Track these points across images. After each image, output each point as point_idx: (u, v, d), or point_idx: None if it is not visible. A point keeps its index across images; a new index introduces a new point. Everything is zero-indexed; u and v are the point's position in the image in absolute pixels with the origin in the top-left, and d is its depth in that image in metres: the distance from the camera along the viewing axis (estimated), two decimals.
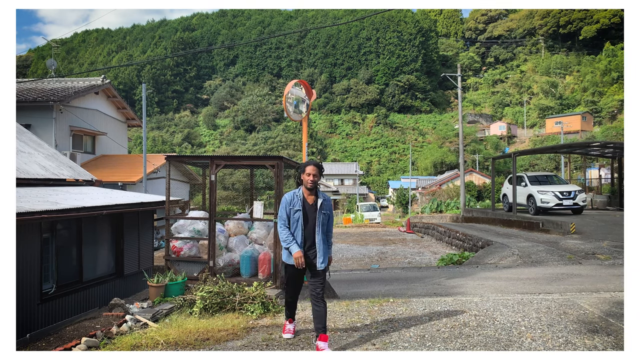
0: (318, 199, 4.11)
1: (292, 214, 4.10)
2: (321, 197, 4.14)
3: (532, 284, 6.86)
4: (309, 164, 4.09)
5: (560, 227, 12.77)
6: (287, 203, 4.11)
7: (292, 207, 4.09)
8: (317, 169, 4.10)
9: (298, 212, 4.07)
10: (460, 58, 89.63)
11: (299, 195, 4.12)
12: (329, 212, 4.19)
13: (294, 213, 4.09)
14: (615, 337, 4.23)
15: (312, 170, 4.07)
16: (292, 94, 7.67)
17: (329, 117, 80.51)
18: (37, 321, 5.74)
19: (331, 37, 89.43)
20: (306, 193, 4.13)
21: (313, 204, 4.11)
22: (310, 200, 4.12)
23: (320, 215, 4.09)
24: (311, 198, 4.12)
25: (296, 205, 4.08)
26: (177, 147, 67.82)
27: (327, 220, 4.18)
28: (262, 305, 5.70)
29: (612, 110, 63.49)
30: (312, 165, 4.10)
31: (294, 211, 4.09)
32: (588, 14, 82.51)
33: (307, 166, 4.10)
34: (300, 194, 4.13)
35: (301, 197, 4.11)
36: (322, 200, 4.13)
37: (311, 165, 4.09)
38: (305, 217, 4.09)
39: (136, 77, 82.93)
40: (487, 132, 71.12)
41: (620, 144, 16.21)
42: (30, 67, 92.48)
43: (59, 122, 15.84)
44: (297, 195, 4.13)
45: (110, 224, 7.76)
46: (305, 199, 4.12)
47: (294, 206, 4.09)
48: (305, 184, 4.09)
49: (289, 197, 4.15)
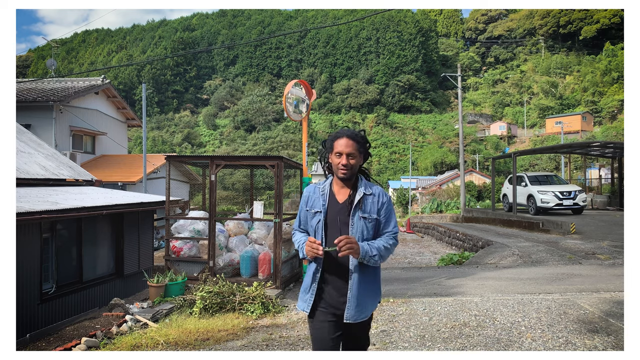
0: (356, 194, 2.45)
1: (309, 220, 2.53)
2: (363, 190, 2.47)
3: (532, 284, 6.86)
4: (340, 135, 2.46)
5: (561, 227, 12.76)
6: (304, 202, 2.59)
7: (309, 208, 2.54)
8: (355, 142, 2.44)
9: (318, 215, 2.47)
10: (460, 58, 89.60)
11: (323, 190, 2.53)
12: (379, 216, 2.47)
13: (311, 217, 2.51)
14: (615, 337, 4.23)
15: (346, 145, 2.41)
16: (292, 94, 7.67)
17: (329, 117, 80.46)
18: (37, 321, 5.74)
19: (331, 37, 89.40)
20: (337, 185, 2.52)
21: (346, 201, 2.46)
22: (341, 197, 2.48)
23: (359, 222, 2.42)
24: (344, 192, 2.50)
25: (316, 204, 2.50)
26: (177, 147, 67.79)
27: (374, 228, 2.46)
28: (262, 305, 5.70)
29: (612, 110, 63.47)
30: (346, 136, 2.43)
31: (311, 214, 2.51)
32: (588, 14, 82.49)
33: (337, 139, 2.46)
34: (327, 187, 2.53)
35: (327, 192, 2.52)
36: (364, 196, 2.45)
37: (344, 138, 2.43)
38: (330, 224, 2.46)
39: (136, 77, 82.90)
40: (487, 132, 71.10)
41: (620, 144, 16.21)
42: (30, 67, 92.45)
43: (58, 122, 15.84)
44: (320, 189, 2.55)
45: (110, 224, 7.76)
46: (334, 194, 2.50)
47: (312, 207, 2.52)
48: (335, 172, 2.48)
49: (307, 192, 2.61)
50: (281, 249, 7.22)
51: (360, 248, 2.31)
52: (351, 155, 2.43)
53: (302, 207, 2.64)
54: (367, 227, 2.44)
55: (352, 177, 2.49)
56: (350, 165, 2.42)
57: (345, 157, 2.42)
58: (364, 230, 2.43)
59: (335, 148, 2.46)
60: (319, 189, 2.57)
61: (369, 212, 2.45)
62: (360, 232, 2.42)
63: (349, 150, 2.42)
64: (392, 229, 2.51)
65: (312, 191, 2.61)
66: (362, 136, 2.51)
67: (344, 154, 2.42)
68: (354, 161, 2.44)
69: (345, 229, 2.43)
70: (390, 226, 2.51)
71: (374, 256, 2.36)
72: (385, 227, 2.50)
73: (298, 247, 2.59)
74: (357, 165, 2.48)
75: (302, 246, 2.47)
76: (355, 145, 2.44)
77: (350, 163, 2.42)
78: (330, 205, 2.50)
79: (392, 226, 2.51)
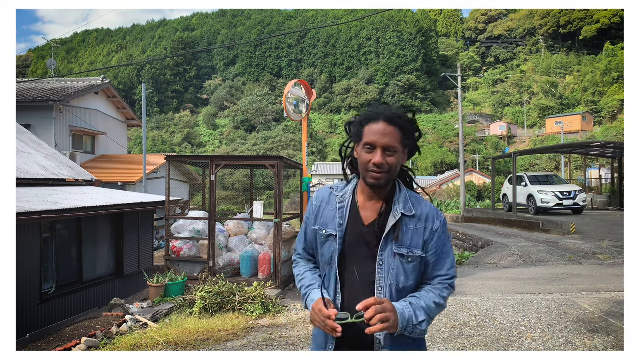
0: (390, 215, 1.58)
1: (319, 245, 1.65)
2: (402, 208, 1.59)
3: (533, 284, 6.86)
4: (376, 117, 1.54)
5: (561, 227, 12.76)
6: (313, 215, 1.70)
7: (320, 227, 1.65)
8: (399, 129, 1.54)
9: (331, 241, 1.61)
10: (461, 58, 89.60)
11: (342, 200, 1.65)
12: (426, 252, 1.59)
13: (322, 243, 1.64)
14: (615, 337, 4.22)
15: (384, 133, 1.52)
16: (292, 93, 7.67)
17: (329, 117, 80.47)
18: (37, 321, 5.74)
19: (331, 37, 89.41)
20: (364, 195, 1.64)
21: (374, 224, 1.59)
22: (369, 214, 1.61)
23: (392, 261, 1.55)
24: (374, 207, 1.61)
25: (329, 222, 1.63)
26: (177, 147, 67.78)
27: (417, 269, 1.59)
28: (262, 305, 5.70)
29: (612, 110, 63.46)
30: (384, 120, 1.53)
31: (322, 238, 1.63)
32: (588, 14, 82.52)
33: (369, 122, 1.55)
34: (348, 195, 1.65)
35: (348, 203, 1.63)
36: (402, 219, 1.57)
37: (380, 122, 1.53)
38: (348, 255, 1.59)
39: (136, 77, 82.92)
40: (487, 132, 71.07)
41: (620, 144, 16.21)
42: (30, 67, 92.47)
43: (58, 122, 15.84)
44: (337, 197, 1.66)
45: (110, 224, 7.76)
46: (359, 209, 1.62)
47: (323, 224, 1.64)
48: (363, 174, 1.58)
49: (318, 199, 1.71)
50: (281, 249, 7.22)
51: (399, 317, 1.45)
52: (391, 149, 1.52)
53: (308, 221, 1.71)
54: (405, 269, 1.56)
55: (389, 183, 1.58)
56: (387, 165, 1.52)
57: (380, 152, 1.51)
58: (400, 274, 1.55)
59: (365, 136, 1.54)
60: (336, 197, 1.65)
61: (408, 245, 1.56)
62: (394, 277, 1.55)
63: (388, 142, 1.51)
64: (447, 271, 1.62)
65: (324, 199, 1.68)
66: (409, 120, 1.58)
67: (378, 147, 1.51)
68: (394, 159, 1.53)
69: (369, 269, 1.56)
70: (445, 268, 1.61)
71: (421, 324, 1.51)
72: (436, 269, 1.61)
73: (303, 296, 1.69)
74: (398, 165, 1.57)
75: (306, 299, 1.65)
76: (398, 134, 1.53)
77: (388, 162, 1.52)
78: (351, 225, 1.60)
79: (447, 268, 1.62)
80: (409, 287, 1.59)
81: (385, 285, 1.56)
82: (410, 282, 1.58)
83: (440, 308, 1.60)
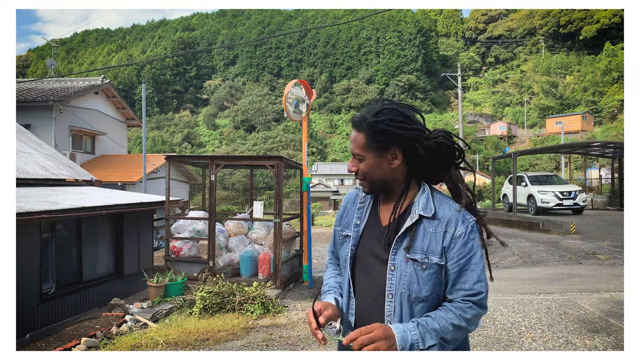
0: (408, 215, 1.45)
1: (339, 246, 1.62)
2: (421, 209, 1.44)
3: (533, 284, 6.85)
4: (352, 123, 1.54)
5: (561, 227, 12.76)
6: (339, 215, 1.66)
7: (342, 227, 1.62)
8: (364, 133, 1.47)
9: (347, 242, 1.56)
10: (461, 58, 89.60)
11: (363, 200, 1.60)
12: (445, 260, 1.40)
13: (341, 243, 1.60)
14: (616, 337, 4.22)
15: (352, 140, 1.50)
16: (292, 93, 7.67)
17: (329, 117, 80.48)
18: (36, 321, 5.74)
19: (331, 37, 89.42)
20: (380, 196, 1.59)
21: (392, 224, 1.47)
22: (386, 215, 1.51)
23: (405, 267, 1.40)
24: (390, 208, 1.51)
25: (351, 222, 1.58)
26: (177, 147, 67.79)
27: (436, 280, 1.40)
28: (262, 305, 5.70)
29: (612, 110, 63.48)
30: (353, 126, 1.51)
31: (341, 238, 1.61)
32: (588, 14, 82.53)
33: None
34: (370, 196, 1.60)
35: (368, 204, 1.59)
36: (420, 220, 1.43)
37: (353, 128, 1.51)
38: (360, 259, 1.52)
39: (136, 77, 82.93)
40: (487, 132, 71.07)
41: (620, 144, 16.21)
42: (30, 67, 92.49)
43: (58, 122, 15.84)
44: (361, 197, 1.62)
45: (110, 224, 7.76)
46: (378, 210, 1.56)
47: (345, 225, 1.61)
48: None
49: (346, 200, 1.69)
50: (281, 249, 7.22)
51: (399, 341, 1.30)
52: (357, 156, 1.47)
53: (336, 223, 1.67)
54: (418, 276, 1.39)
55: (381, 188, 1.51)
56: (361, 172, 1.48)
57: (352, 159, 1.51)
58: (413, 282, 1.38)
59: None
60: (360, 198, 1.60)
61: (424, 250, 1.39)
62: (406, 285, 1.39)
63: (353, 149, 1.48)
64: (472, 286, 1.40)
65: (350, 200, 1.65)
66: (374, 121, 1.43)
67: (352, 154, 1.50)
68: (364, 166, 1.46)
69: (380, 274, 1.44)
70: (469, 281, 1.40)
71: (429, 348, 1.33)
72: (459, 282, 1.40)
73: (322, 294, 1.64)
74: (375, 170, 1.46)
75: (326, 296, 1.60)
76: (362, 138, 1.45)
77: (360, 168, 1.47)
78: (369, 226, 1.53)
79: (473, 282, 1.40)
80: (424, 298, 1.39)
81: (395, 292, 1.40)
82: (425, 292, 1.39)
83: (460, 331, 1.38)
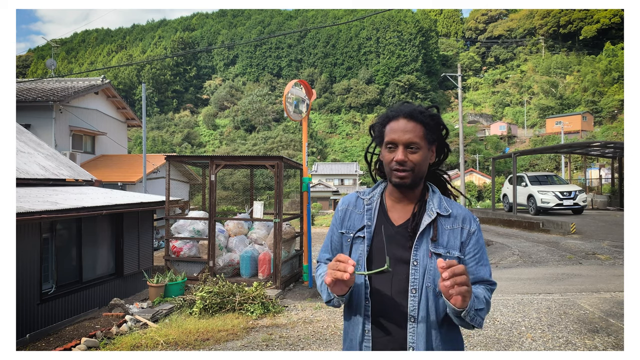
0: (425, 213, 1.50)
1: (344, 249, 1.57)
2: (436, 207, 1.52)
3: (533, 284, 6.86)
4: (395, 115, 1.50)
5: (561, 227, 12.76)
6: (339, 220, 1.63)
7: (346, 230, 1.58)
8: (420, 124, 1.48)
9: (359, 243, 1.53)
10: (461, 58, 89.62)
11: (369, 202, 1.58)
12: (463, 254, 1.49)
13: (348, 245, 1.55)
14: (616, 337, 4.22)
15: (405, 129, 1.46)
16: (292, 93, 7.67)
17: (329, 117, 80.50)
18: (36, 321, 5.74)
19: (331, 37, 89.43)
20: (392, 198, 1.57)
21: (406, 224, 1.51)
22: (398, 216, 1.54)
23: (428, 262, 1.44)
24: (403, 209, 1.54)
25: (356, 224, 1.56)
26: (177, 147, 67.80)
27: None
28: (262, 305, 5.70)
29: (612, 110, 63.49)
30: (403, 116, 1.48)
31: (348, 241, 1.56)
32: (588, 14, 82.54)
33: (390, 121, 1.51)
34: (376, 198, 1.59)
35: (376, 206, 1.57)
36: (438, 218, 1.49)
37: (400, 119, 1.48)
38: (376, 259, 1.49)
39: (136, 77, 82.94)
40: (487, 132, 71.08)
41: (621, 144, 16.22)
42: (30, 67, 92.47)
43: (58, 122, 15.84)
44: (364, 200, 1.59)
45: (110, 224, 7.76)
46: (387, 211, 1.56)
47: (350, 228, 1.57)
48: (388, 175, 1.52)
49: (344, 204, 1.66)
50: (281, 249, 7.22)
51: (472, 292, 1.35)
52: (413, 145, 1.45)
53: (334, 227, 1.64)
54: (436, 278, 1.42)
55: (417, 183, 1.50)
56: (411, 163, 1.45)
57: (402, 149, 1.45)
58: (438, 276, 1.38)
59: (386, 136, 1.49)
60: (363, 201, 1.59)
61: (445, 245, 1.46)
62: (431, 279, 1.43)
63: (408, 138, 1.45)
64: (489, 277, 1.52)
65: (351, 203, 1.62)
66: (431, 115, 1.51)
67: (400, 144, 1.45)
68: (417, 156, 1.46)
69: (401, 272, 1.45)
70: (486, 272, 1.51)
71: (481, 311, 1.38)
72: (479, 275, 1.50)
73: (320, 287, 1.59)
74: (424, 163, 1.48)
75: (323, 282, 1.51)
76: (420, 129, 1.47)
77: (411, 160, 1.45)
78: (380, 227, 1.52)
79: (489, 272, 1.53)
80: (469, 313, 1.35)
81: (419, 287, 1.43)
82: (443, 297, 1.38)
83: (488, 307, 1.45)
